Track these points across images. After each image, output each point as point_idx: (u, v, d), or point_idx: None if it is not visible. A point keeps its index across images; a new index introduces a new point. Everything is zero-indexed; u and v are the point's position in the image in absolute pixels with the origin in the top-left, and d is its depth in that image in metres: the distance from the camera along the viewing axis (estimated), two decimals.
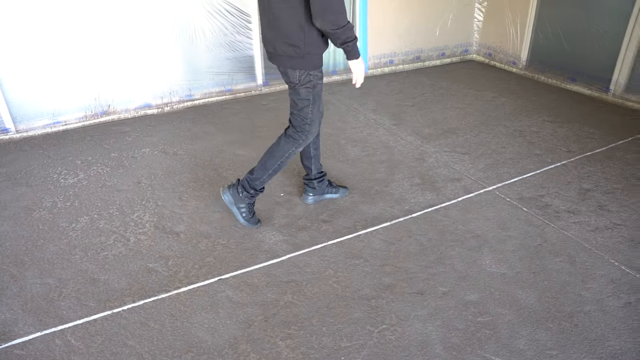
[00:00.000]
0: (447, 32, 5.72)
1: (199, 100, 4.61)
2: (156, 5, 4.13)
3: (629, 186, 3.20)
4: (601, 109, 4.52)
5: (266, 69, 4.86)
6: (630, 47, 4.51)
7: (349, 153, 3.65)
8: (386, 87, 5.04)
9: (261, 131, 4.01)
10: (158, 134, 3.97)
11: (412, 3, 5.31)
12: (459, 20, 5.76)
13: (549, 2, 5.15)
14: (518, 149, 3.71)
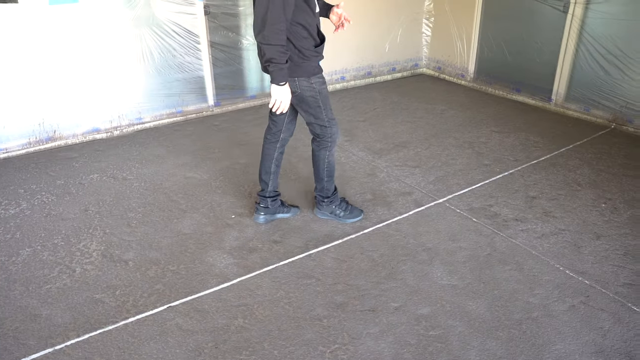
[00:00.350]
0: (397, 47, 5.84)
1: (149, 123, 4.53)
2: (103, 27, 4.06)
3: (572, 192, 3.32)
4: (545, 118, 4.69)
5: (217, 89, 4.82)
6: (566, 59, 4.72)
7: (301, 171, 3.65)
8: (338, 104, 5.09)
9: (213, 152, 3.96)
10: (107, 159, 3.87)
11: (362, 20, 5.40)
12: (408, 35, 5.89)
13: (490, 17, 5.34)
14: (467, 160, 3.80)
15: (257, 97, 5.13)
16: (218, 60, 4.76)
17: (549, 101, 4.98)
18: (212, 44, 4.66)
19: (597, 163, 3.75)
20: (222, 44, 4.74)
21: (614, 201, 3.21)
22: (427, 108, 4.94)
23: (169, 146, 4.10)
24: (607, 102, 4.53)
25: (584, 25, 4.53)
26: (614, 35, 4.37)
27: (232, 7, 4.74)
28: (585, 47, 4.56)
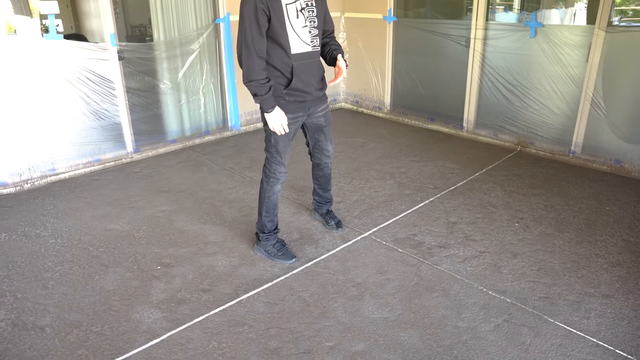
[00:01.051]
0: None
1: (64, 173, 4.31)
2: (9, 75, 3.86)
3: (488, 214, 3.51)
4: (459, 145, 4.97)
5: (136, 135, 4.70)
6: (473, 90, 5.07)
7: (226, 215, 3.59)
8: (259, 143, 5.10)
9: (134, 201, 3.83)
10: (17, 216, 3.61)
11: None
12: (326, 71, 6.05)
13: (401, 53, 5.64)
14: (389, 191, 3.92)
15: (178, 140, 5.05)
16: (135, 106, 4.65)
17: (461, 128, 5.29)
18: (128, 89, 4.56)
19: (508, 185, 4.00)
20: (139, 89, 4.65)
21: (525, 220, 3.43)
22: (347, 142, 5.08)
23: (86, 197, 3.91)
24: (511, 127, 4.88)
25: (485, 58, 4.90)
26: (510, 68, 4.76)
27: (148, 52, 4.68)
28: (488, 78, 4.92)
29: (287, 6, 2.52)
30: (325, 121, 2.94)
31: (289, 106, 2.71)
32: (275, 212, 2.98)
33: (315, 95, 2.78)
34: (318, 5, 2.65)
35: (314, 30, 2.64)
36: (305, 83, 2.69)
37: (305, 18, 2.59)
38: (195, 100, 5.11)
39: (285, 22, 2.52)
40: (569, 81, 4.41)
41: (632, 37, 4.10)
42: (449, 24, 5.17)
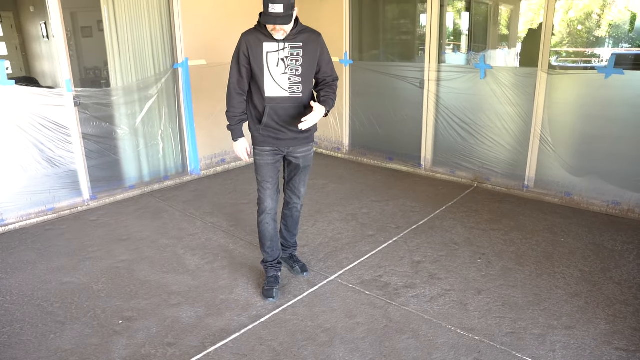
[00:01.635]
0: None
1: (14, 224, 4.11)
2: None
3: (451, 252, 3.57)
4: (418, 183, 5.08)
5: (92, 182, 4.57)
6: (429, 129, 5.23)
7: (189, 263, 3.50)
8: (221, 187, 5.07)
9: (92, 251, 3.68)
10: None
11: None
12: None
13: (358, 94, 5.79)
14: (353, 232, 3.94)
15: (136, 187, 4.94)
16: (92, 152, 4.55)
17: (419, 167, 5.42)
18: (85, 135, 4.46)
19: (468, 221, 4.10)
20: (96, 135, 4.56)
21: (487, 255, 3.51)
22: (308, 183, 5.08)
23: (39, 249, 3.73)
24: (467, 164, 5.04)
25: (439, 99, 5.09)
26: (463, 107, 4.96)
27: (104, 97, 4.62)
28: (443, 118, 5.10)
29: (268, 54, 2.75)
30: (303, 163, 3.04)
31: (264, 140, 2.91)
32: (269, 245, 3.07)
33: (290, 136, 2.90)
34: (307, 55, 2.80)
35: (294, 77, 2.80)
36: (277, 123, 2.86)
37: (287, 66, 2.77)
38: (154, 146, 5.04)
39: (263, 68, 2.76)
40: (518, 119, 4.62)
41: (571, 78, 4.39)
42: (403, 67, 5.37)
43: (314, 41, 2.83)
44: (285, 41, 2.74)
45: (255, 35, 2.76)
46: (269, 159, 2.94)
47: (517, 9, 6.59)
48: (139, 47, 4.75)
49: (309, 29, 2.85)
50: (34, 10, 8.90)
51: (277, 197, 3.04)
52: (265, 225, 3.02)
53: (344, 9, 5.66)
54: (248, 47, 2.75)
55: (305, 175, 3.12)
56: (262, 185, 2.98)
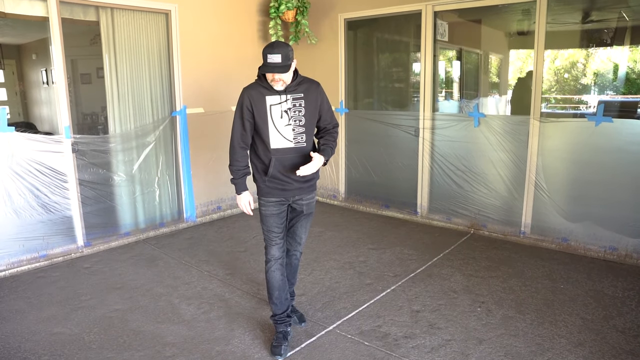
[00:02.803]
0: None
1: (4, 271, 4.03)
2: None
3: (450, 300, 3.52)
4: (414, 230, 5.06)
5: (87, 228, 4.53)
6: (425, 176, 5.28)
7: (184, 313, 3.42)
8: (216, 235, 5.03)
9: (85, 300, 3.60)
10: None
11: None
12: None
13: (354, 141, 5.86)
14: (350, 281, 3.89)
15: (132, 233, 4.89)
16: (88, 198, 4.53)
17: (415, 214, 5.42)
18: (81, 181, 4.46)
19: (466, 268, 4.07)
20: (92, 181, 4.57)
21: (487, 304, 3.46)
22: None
23: (30, 297, 3.65)
24: (463, 210, 5.06)
25: (434, 147, 5.16)
26: (458, 154, 5.02)
27: (103, 144, 4.65)
28: (438, 165, 5.15)
29: (271, 107, 2.79)
30: (306, 210, 3.04)
31: (270, 191, 2.91)
32: (277, 295, 2.99)
33: (296, 186, 2.92)
34: (309, 105, 2.85)
35: (298, 128, 2.83)
36: (283, 174, 2.87)
37: (290, 117, 2.81)
38: (150, 192, 5.04)
39: (267, 121, 2.79)
40: (512, 166, 4.68)
41: (562, 126, 4.47)
42: (398, 115, 5.47)
43: (314, 91, 2.89)
44: (287, 93, 2.79)
45: (257, 89, 2.81)
46: (275, 209, 2.93)
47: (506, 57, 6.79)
48: (138, 94, 4.83)
49: (307, 79, 2.92)
50: (35, 57, 9.08)
51: (284, 246, 3.02)
52: (273, 273, 2.97)
53: (339, 59, 5.81)
54: (251, 101, 2.79)
55: (307, 222, 3.11)
56: (268, 235, 2.96)
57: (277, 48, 2.65)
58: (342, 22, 5.74)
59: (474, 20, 5.77)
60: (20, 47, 9.51)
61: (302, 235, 3.13)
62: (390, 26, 5.78)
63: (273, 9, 5.48)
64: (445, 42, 5.41)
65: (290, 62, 2.69)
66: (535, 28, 4.36)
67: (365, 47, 6.11)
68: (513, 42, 6.31)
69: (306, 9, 5.59)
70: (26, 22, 4.77)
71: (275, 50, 2.63)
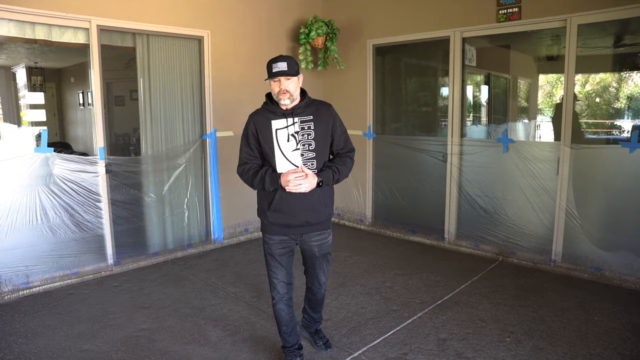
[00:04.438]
0: None
1: (38, 287, 4.14)
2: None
3: (478, 329, 3.45)
4: (441, 256, 5.00)
5: (117, 247, 4.63)
6: (452, 202, 5.23)
7: (210, 335, 3.44)
8: (243, 257, 5.07)
9: (113, 318, 3.65)
10: None
11: None
12: None
13: (381, 167, 5.86)
14: (377, 307, 3.85)
15: (160, 253, 4.97)
16: (119, 218, 4.64)
17: (442, 240, 5.36)
18: (113, 201, 4.58)
19: (494, 296, 3.98)
20: (124, 201, 4.68)
21: (516, 334, 3.37)
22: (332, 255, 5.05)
23: (61, 313, 3.73)
24: (492, 237, 4.97)
25: (462, 172, 5.13)
26: (486, 181, 4.98)
27: (135, 165, 4.77)
28: (466, 191, 5.11)
29: (277, 131, 2.65)
30: (318, 252, 2.85)
31: (272, 228, 2.76)
32: (284, 330, 2.91)
33: (301, 221, 2.72)
34: (319, 128, 2.69)
35: (307, 153, 2.67)
36: (289, 205, 2.69)
37: (298, 142, 2.66)
38: (179, 213, 5.12)
39: (273, 145, 2.65)
40: (543, 193, 4.60)
41: (594, 152, 4.40)
42: (426, 140, 5.46)
43: (325, 112, 2.74)
44: (294, 115, 2.66)
45: (263, 114, 2.72)
46: (278, 250, 2.78)
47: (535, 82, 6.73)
48: (170, 117, 4.96)
49: (317, 100, 2.79)
50: (74, 80, 9.45)
51: (292, 282, 2.88)
52: (279, 311, 2.86)
53: (367, 84, 5.86)
54: (256, 126, 2.69)
55: (323, 264, 2.92)
56: (272, 274, 2.83)
57: (282, 57, 2.64)
58: (371, 48, 5.81)
59: (502, 46, 5.76)
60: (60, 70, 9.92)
61: (321, 278, 2.96)
62: (418, 51, 5.83)
63: (303, 35, 5.59)
64: (473, 67, 5.41)
65: (295, 70, 2.62)
66: (566, 53, 4.33)
67: (393, 73, 6.16)
68: (542, 66, 6.27)
69: (335, 35, 5.69)
70: (68, 48, 4.97)
71: (281, 59, 2.62)
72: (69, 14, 4.14)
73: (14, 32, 4.01)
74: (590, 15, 4.16)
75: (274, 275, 2.83)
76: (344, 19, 5.91)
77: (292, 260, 2.89)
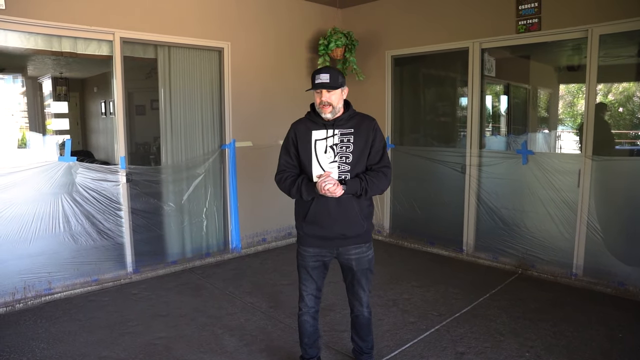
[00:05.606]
0: None
1: (59, 293, 4.21)
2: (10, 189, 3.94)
3: (496, 343, 3.40)
4: (459, 268, 4.95)
5: (136, 255, 4.68)
6: (471, 213, 5.18)
7: (227, 344, 3.45)
8: (261, 266, 5.09)
9: (131, 325, 3.70)
10: (3, 340, 3.43)
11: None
12: None
13: (400, 178, 5.84)
14: (394, 319, 3.82)
15: (178, 262, 5.02)
16: (139, 227, 4.71)
17: (461, 252, 5.31)
18: (133, 210, 4.64)
19: (513, 310, 3.92)
20: (143, 210, 4.74)
21: (535, 349, 3.31)
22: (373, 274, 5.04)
23: (81, 320, 3.78)
24: (511, 250, 4.91)
25: (480, 184, 5.08)
26: (505, 192, 4.93)
27: (155, 175, 4.84)
28: (485, 203, 5.06)
29: (316, 142, 2.65)
30: (356, 266, 2.75)
31: (307, 239, 2.74)
32: (305, 341, 2.90)
33: (337, 234, 2.67)
34: (359, 142, 2.64)
35: (344, 166, 2.63)
36: (324, 217, 2.65)
37: (336, 154, 2.63)
38: (198, 223, 5.17)
39: (311, 155, 2.64)
40: (563, 205, 4.53)
41: (617, 164, 4.33)
42: (444, 151, 5.44)
43: (367, 126, 2.69)
44: (335, 127, 2.64)
45: (305, 123, 2.73)
46: (311, 262, 2.75)
47: (555, 92, 6.66)
48: (190, 127, 5.02)
49: (361, 114, 2.76)
50: (96, 90, 9.64)
51: (319, 296, 2.85)
52: (304, 323, 2.85)
53: (386, 95, 5.87)
54: (296, 134, 2.70)
55: (362, 281, 2.79)
56: (303, 286, 2.81)
57: (325, 69, 2.63)
58: (389, 59, 5.83)
59: (522, 56, 5.73)
60: (83, 80, 10.13)
61: (362, 295, 2.82)
62: (436, 62, 5.82)
63: (322, 46, 5.63)
64: (492, 77, 5.38)
65: (339, 83, 2.60)
66: (587, 63, 4.28)
67: (411, 83, 6.15)
68: (563, 76, 6.22)
69: (354, 47, 5.72)
70: (92, 59, 5.09)
71: (324, 71, 2.61)
72: (94, 27, 4.24)
73: (42, 45, 4.13)
74: (612, 25, 4.11)
75: (303, 288, 2.81)
76: (362, 31, 5.94)
77: (325, 275, 2.85)
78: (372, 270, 2.84)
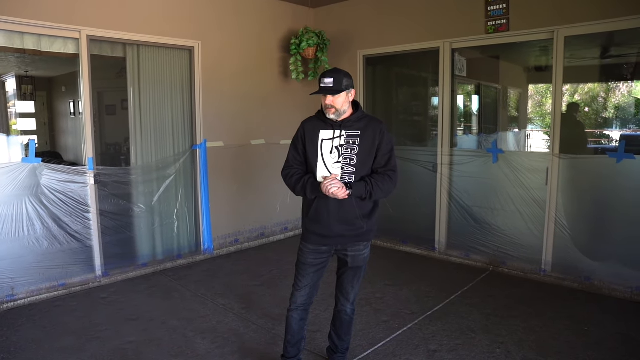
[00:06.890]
0: (288, 207, 6.06)
1: (23, 299, 4.07)
2: None
3: (468, 340, 3.44)
4: (432, 267, 4.99)
5: (105, 258, 4.58)
6: (443, 212, 5.24)
7: (198, 347, 3.40)
8: (233, 267, 5.03)
9: (100, 330, 3.60)
10: None
11: (252, 182, 5.63)
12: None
13: None
14: (367, 318, 3.83)
15: (149, 264, 4.93)
16: (107, 229, 4.60)
17: (433, 250, 5.36)
18: (102, 212, 4.54)
19: (485, 307, 3.98)
20: (113, 211, 4.64)
21: (506, 345, 3.36)
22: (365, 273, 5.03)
23: (46, 326, 3.67)
24: (482, 247, 4.98)
25: (452, 182, 5.14)
26: (476, 191, 5.00)
27: (124, 176, 4.74)
28: (456, 201, 5.12)
29: (323, 141, 2.67)
30: (351, 263, 2.80)
31: (309, 236, 2.78)
32: (289, 339, 2.88)
33: (337, 232, 2.70)
34: (364, 144, 2.64)
35: (348, 167, 2.63)
36: (326, 215, 2.68)
37: (340, 155, 2.64)
38: (169, 224, 5.09)
39: (317, 154, 2.67)
40: (532, 203, 4.62)
41: (583, 163, 4.43)
42: (416, 151, 5.48)
43: (374, 129, 2.68)
44: (342, 128, 2.65)
45: (314, 121, 2.75)
46: (311, 258, 2.77)
47: (525, 92, 6.79)
48: (160, 127, 4.93)
49: (369, 116, 2.76)
50: (65, 90, 9.42)
51: (313, 295, 2.85)
52: (291, 319, 2.85)
53: (358, 95, 5.87)
54: (305, 131, 2.73)
55: (353, 277, 2.86)
56: (296, 282, 2.82)
57: (331, 72, 2.64)
58: (361, 59, 5.84)
59: (492, 56, 5.82)
60: (51, 79, 9.88)
61: (349, 290, 2.88)
62: (408, 62, 5.87)
63: (294, 46, 5.61)
64: (463, 77, 5.45)
65: (342, 87, 2.59)
66: (553, 64, 4.37)
67: (383, 83, 6.19)
68: (531, 77, 6.34)
69: (326, 46, 5.71)
70: (59, 57, 4.96)
71: (329, 74, 2.62)
72: (59, 24, 4.12)
73: (2, 42, 4.00)
74: (576, 27, 4.21)
75: (297, 284, 2.82)
76: (334, 30, 5.94)
77: (320, 276, 2.85)
78: (365, 269, 2.92)
